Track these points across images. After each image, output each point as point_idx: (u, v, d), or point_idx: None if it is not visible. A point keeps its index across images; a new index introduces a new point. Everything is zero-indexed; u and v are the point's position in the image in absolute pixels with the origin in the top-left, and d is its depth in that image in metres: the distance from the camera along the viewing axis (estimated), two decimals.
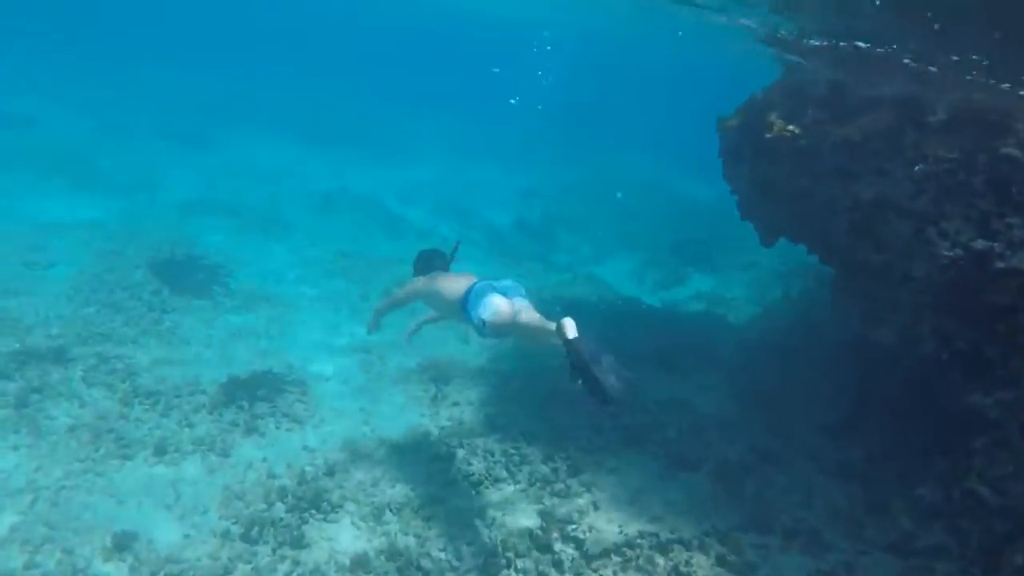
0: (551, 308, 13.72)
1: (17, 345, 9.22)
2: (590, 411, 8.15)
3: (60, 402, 8.39)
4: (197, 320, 10.83)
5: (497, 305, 5.76)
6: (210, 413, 8.59)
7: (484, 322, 5.75)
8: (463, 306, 6.18)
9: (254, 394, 9.05)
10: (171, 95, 26.62)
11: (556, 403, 9.18)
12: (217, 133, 23.16)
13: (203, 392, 8.98)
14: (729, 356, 11.24)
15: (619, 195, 21.98)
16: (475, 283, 6.20)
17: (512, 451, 8.25)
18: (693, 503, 7.36)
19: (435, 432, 8.77)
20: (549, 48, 26.56)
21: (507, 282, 6.05)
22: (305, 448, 8.25)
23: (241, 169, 20.07)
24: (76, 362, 9.08)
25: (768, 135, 6.84)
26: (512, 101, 22.12)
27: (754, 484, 7.61)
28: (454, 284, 6.46)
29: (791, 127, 6.56)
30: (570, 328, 5.17)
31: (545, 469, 7.99)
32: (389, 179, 22.72)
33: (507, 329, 5.79)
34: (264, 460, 7.95)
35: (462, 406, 9.40)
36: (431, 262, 7.08)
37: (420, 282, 6.99)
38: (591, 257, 19.58)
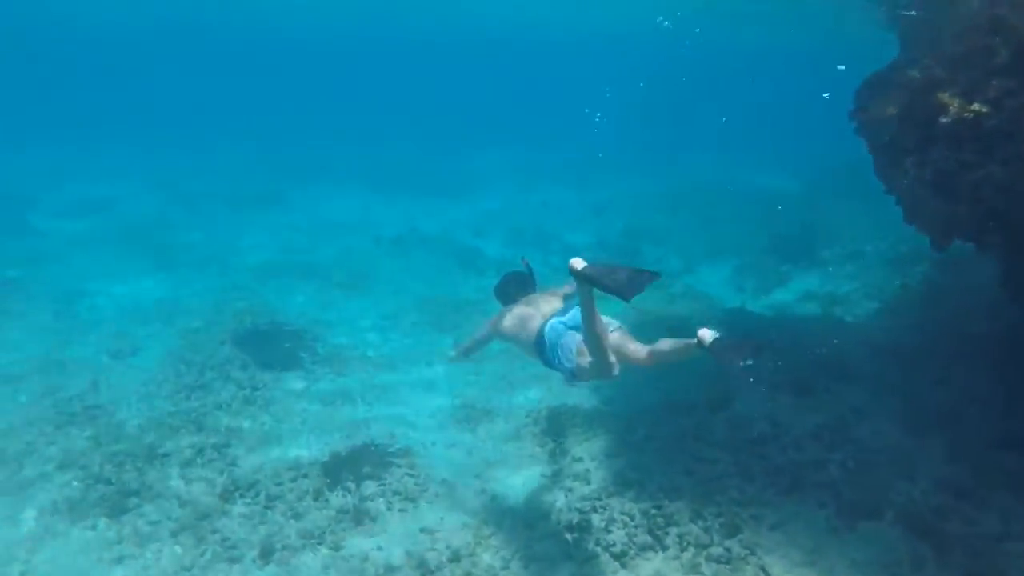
0: (656, 332, 12.78)
1: (112, 444, 8.78)
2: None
3: (160, 503, 7.84)
4: (289, 394, 10.23)
5: (577, 347, 5.20)
6: (316, 500, 7.88)
7: (572, 372, 5.21)
8: (540, 354, 5.32)
9: (359, 472, 8.32)
10: (238, 159, 26.95)
11: (690, 447, 8.18)
12: (285, 191, 23.08)
13: (305, 476, 8.31)
14: (863, 365, 9.94)
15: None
16: (544, 324, 5.50)
17: (654, 511, 7.24)
18: (886, 561, 6.19)
19: (562, 497, 7.84)
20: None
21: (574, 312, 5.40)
22: (423, 530, 7.43)
23: (311, 225, 19.82)
24: (171, 457, 8.56)
25: (945, 119, 5.66)
26: (596, 118, 21.26)
27: (957, 530, 6.39)
28: (527, 322, 5.75)
29: (975, 106, 5.41)
30: (707, 336, 4.78)
31: (696, 529, 6.95)
32: (458, 215, 22.14)
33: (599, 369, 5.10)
34: (380, 549, 7.18)
35: (585, 461, 8.45)
36: (509, 291, 6.41)
37: (495, 319, 6.12)
38: (681, 268, 18.40)
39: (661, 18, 23.62)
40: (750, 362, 4.61)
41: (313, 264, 15.80)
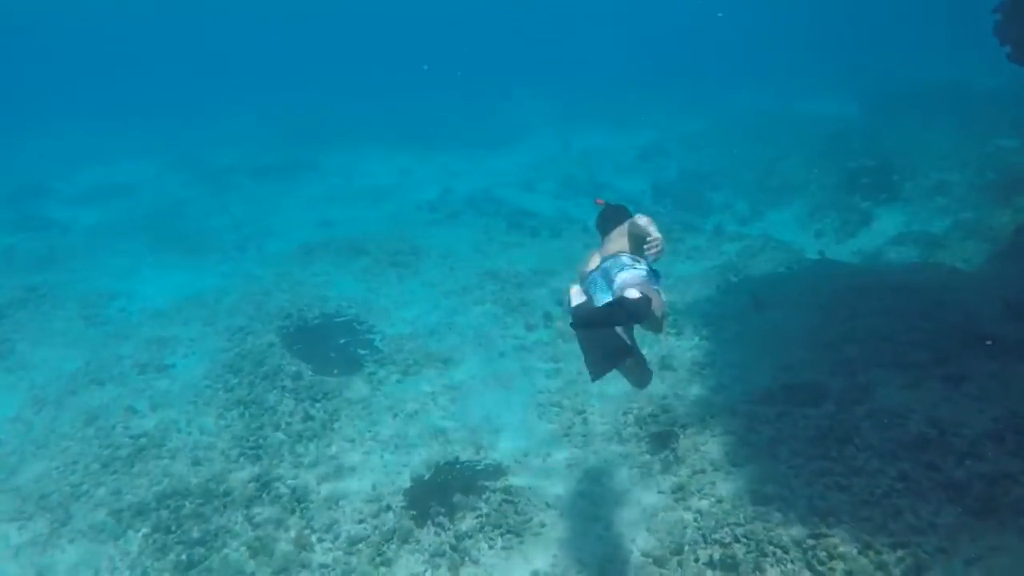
0: (740, 296, 11.43)
1: (165, 483, 7.76)
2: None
3: (228, 555, 6.83)
4: (353, 404, 9.12)
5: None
6: (405, 542, 6.81)
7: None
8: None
9: (449, 500, 7.23)
10: (259, 126, 25.62)
11: (834, 452, 6.91)
12: (314, 157, 21.78)
13: (388, 509, 7.24)
14: (1007, 330, 8.43)
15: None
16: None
17: (810, 541, 6.03)
18: None
19: (691, 521, 6.66)
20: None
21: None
22: None
23: (348, 194, 18.57)
24: (234, 495, 7.53)
25: None
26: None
27: None
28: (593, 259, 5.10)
29: None
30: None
31: (869, 566, 5.74)
32: (501, 168, 20.72)
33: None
34: None
35: (708, 472, 7.24)
36: (608, 225, 5.38)
37: (598, 250, 5.25)
38: (750, 214, 16.93)
39: None
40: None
41: (356, 240, 14.54)
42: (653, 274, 4.70)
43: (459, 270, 13.09)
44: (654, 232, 4.46)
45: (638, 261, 4.72)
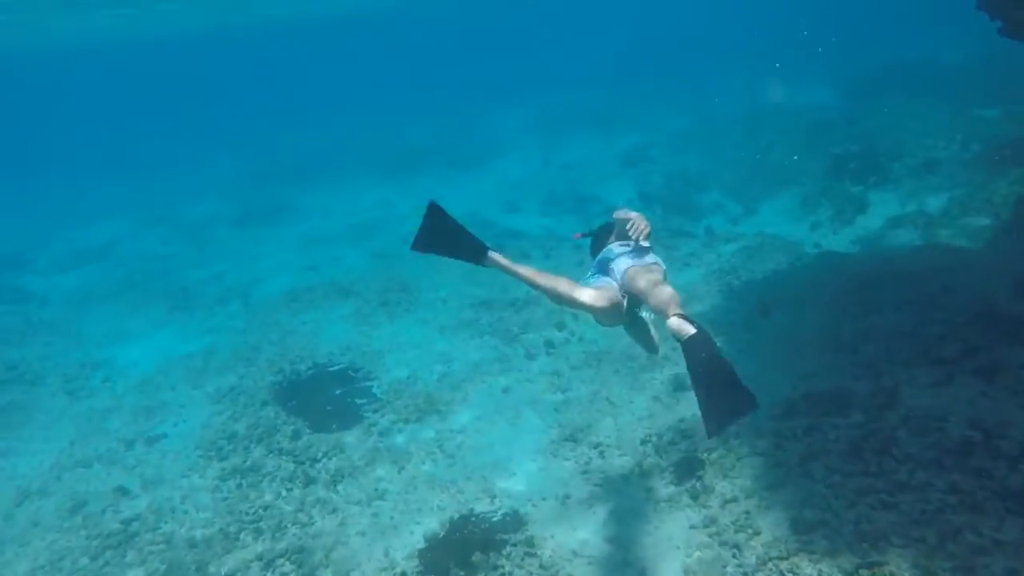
0: (745, 301, 11.01)
1: (163, 569, 7.22)
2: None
3: None
4: (355, 462, 8.60)
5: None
6: None
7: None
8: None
9: (468, 560, 6.72)
10: (234, 173, 25.15)
11: (874, 466, 6.45)
12: (292, 198, 21.32)
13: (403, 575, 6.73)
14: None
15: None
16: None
17: (864, 572, 5.56)
18: None
19: (731, 560, 6.18)
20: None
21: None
22: None
23: (330, 233, 18.09)
24: None
25: None
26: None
27: None
28: None
29: None
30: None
31: None
32: (482, 189, 20.31)
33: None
34: None
35: (741, 501, 6.77)
36: (599, 243, 5.38)
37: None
38: (742, 212, 16.54)
39: None
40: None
41: (343, 282, 14.05)
42: (640, 251, 4.82)
43: (452, 303, 12.63)
44: (630, 213, 4.73)
45: (626, 244, 4.87)
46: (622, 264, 4.76)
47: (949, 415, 6.61)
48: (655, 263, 4.81)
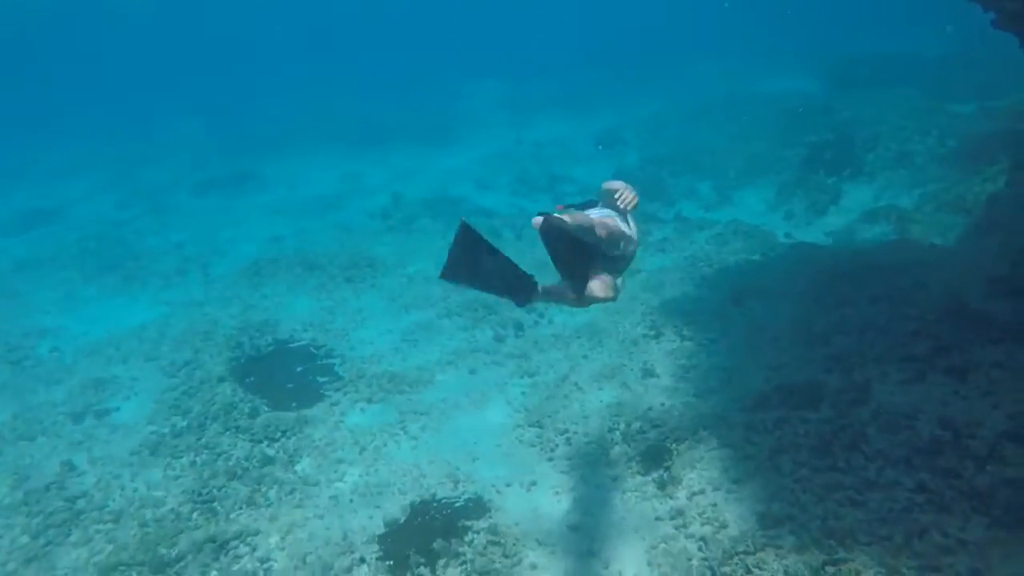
0: (717, 289, 10.91)
1: (109, 548, 6.92)
2: None
3: None
4: (315, 443, 8.33)
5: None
6: None
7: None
8: None
9: (429, 548, 6.54)
10: (196, 137, 24.39)
11: (843, 462, 6.39)
12: (259, 166, 20.70)
13: (362, 562, 6.56)
14: (997, 311, 7.97)
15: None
16: None
17: (830, 569, 5.50)
18: None
19: (696, 552, 6.09)
20: None
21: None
22: None
23: (296, 205, 17.60)
24: (187, 560, 6.72)
25: None
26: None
27: None
28: None
29: None
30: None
31: None
32: (453, 166, 19.93)
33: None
34: None
35: (708, 493, 6.68)
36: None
37: None
38: (716, 199, 16.44)
39: None
40: None
41: (307, 254, 13.65)
42: (623, 216, 4.60)
43: (419, 280, 12.34)
44: (617, 184, 4.53)
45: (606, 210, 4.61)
46: (596, 213, 4.46)
47: (919, 413, 6.57)
48: (628, 229, 4.55)
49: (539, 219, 3.92)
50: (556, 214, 3.95)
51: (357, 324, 11.07)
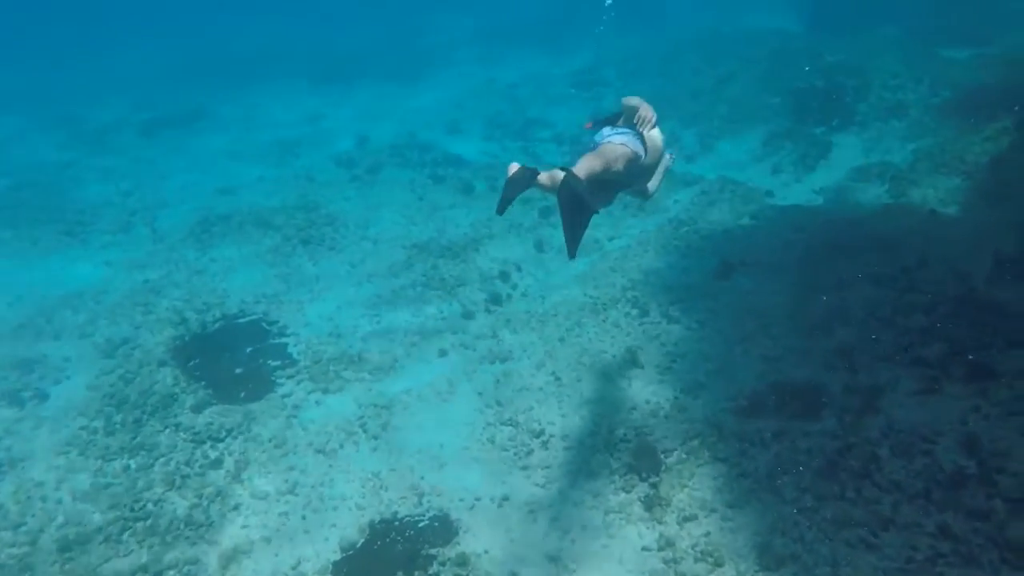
0: (704, 259, 10.10)
1: (16, 551, 6.13)
2: None
3: None
4: (264, 444, 7.51)
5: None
6: None
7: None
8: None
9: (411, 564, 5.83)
10: (145, 69, 22.54)
11: (852, 491, 5.73)
12: (212, 103, 19.17)
13: None
14: (1014, 297, 7.33)
15: None
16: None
17: None
18: None
19: None
20: None
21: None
22: None
23: (251, 149, 16.29)
24: None
25: None
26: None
27: None
28: None
29: None
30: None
31: None
32: (422, 106, 18.63)
33: None
34: None
35: (701, 519, 6.02)
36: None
37: None
38: (699, 148, 15.47)
39: None
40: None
41: (262, 211, 12.52)
42: (638, 136, 4.79)
43: (383, 243, 11.36)
44: (635, 101, 4.85)
45: (622, 130, 4.77)
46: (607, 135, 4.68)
47: (937, 435, 5.89)
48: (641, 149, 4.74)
49: (515, 165, 3.94)
50: (573, 168, 3.97)
51: (314, 295, 10.14)
